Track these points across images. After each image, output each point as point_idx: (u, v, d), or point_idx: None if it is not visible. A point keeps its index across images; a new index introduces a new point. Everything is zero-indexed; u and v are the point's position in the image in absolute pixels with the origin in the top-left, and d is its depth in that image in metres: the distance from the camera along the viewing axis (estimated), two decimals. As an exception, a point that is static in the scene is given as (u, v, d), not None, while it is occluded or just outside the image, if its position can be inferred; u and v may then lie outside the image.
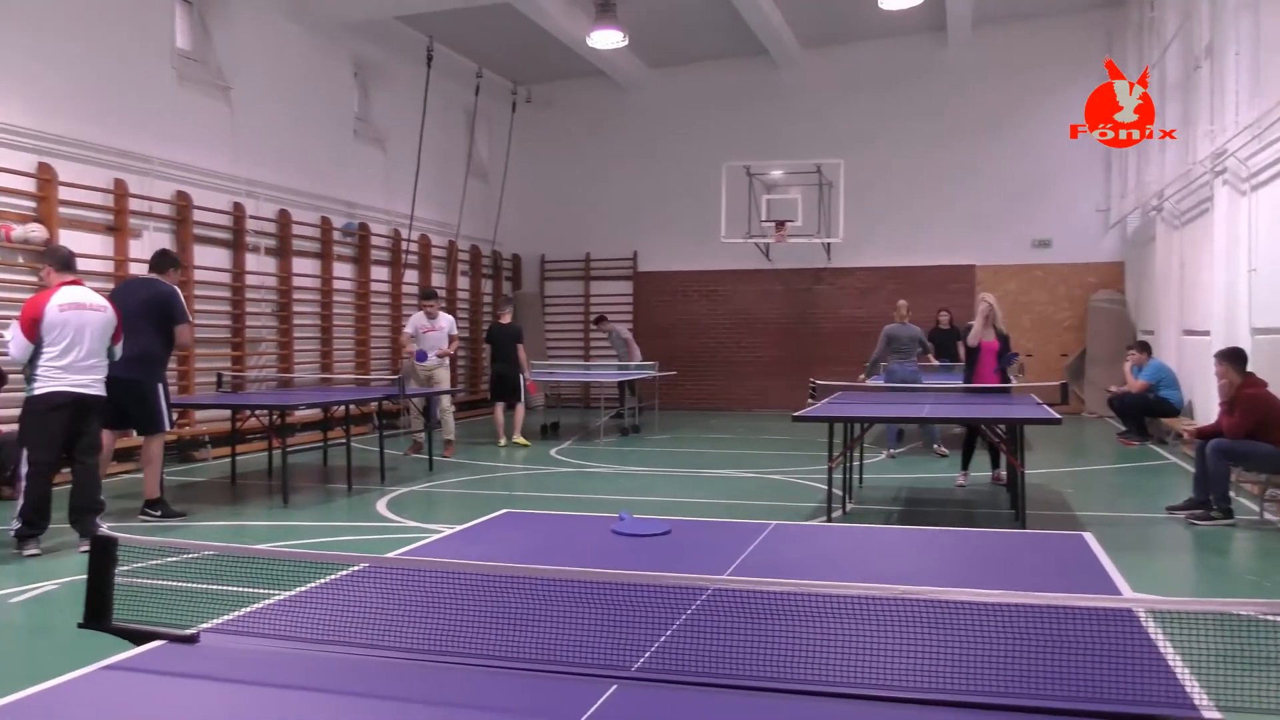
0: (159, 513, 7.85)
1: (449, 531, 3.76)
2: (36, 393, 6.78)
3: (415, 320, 12.12)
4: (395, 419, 13.15)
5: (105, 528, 6.76)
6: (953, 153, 17.25)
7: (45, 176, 9.99)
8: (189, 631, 2.10)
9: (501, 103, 18.64)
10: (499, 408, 13.07)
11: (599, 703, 1.77)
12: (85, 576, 5.90)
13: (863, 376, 12.54)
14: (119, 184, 10.88)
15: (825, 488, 7.86)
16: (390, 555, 2.58)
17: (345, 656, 2.04)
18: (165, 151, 11.50)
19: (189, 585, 3.08)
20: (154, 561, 5.82)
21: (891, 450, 11.67)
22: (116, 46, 10.89)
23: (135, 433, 8.52)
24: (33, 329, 6.70)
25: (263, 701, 1.85)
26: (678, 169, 18.65)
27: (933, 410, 8.30)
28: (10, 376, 7.23)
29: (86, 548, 6.71)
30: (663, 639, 2.11)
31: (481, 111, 17.92)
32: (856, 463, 9.32)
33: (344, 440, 10.15)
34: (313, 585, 2.54)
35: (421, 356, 11.72)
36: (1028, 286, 17.18)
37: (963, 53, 16.97)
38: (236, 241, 12.65)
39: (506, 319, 13.26)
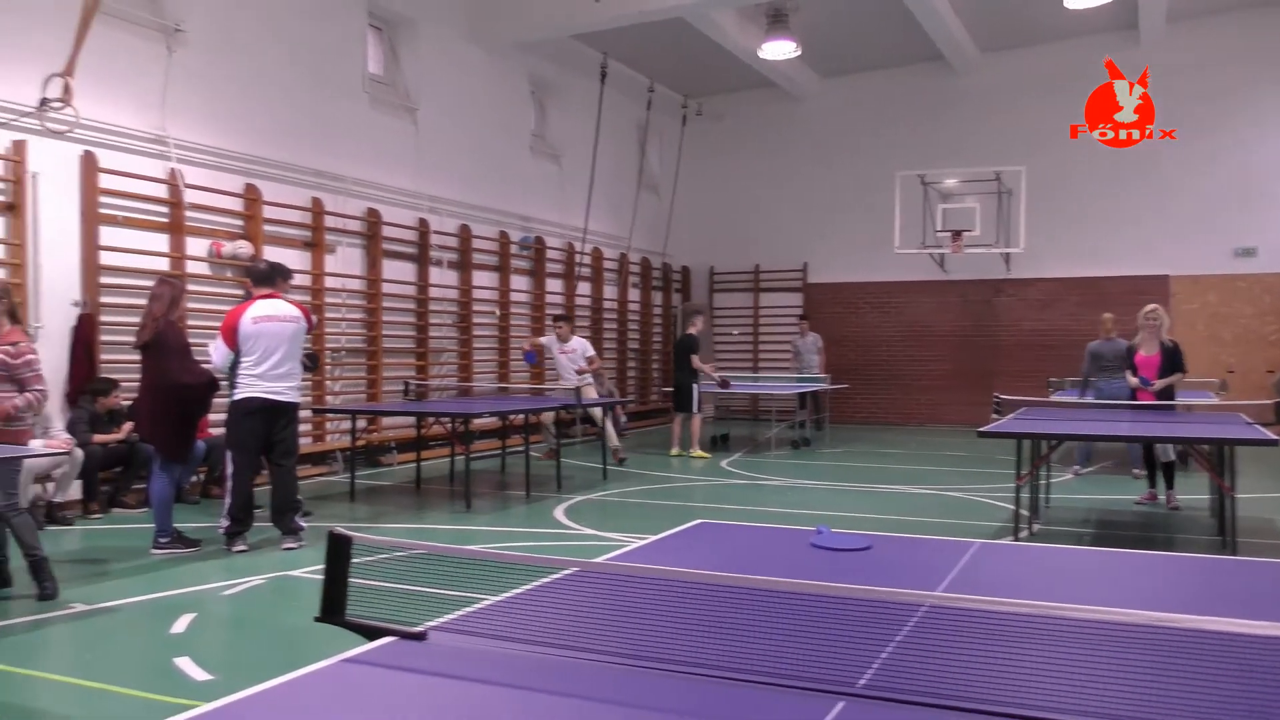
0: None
1: (641, 542, 3.79)
2: (235, 398, 7.25)
3: (549, 340, 12.73)
4: (570, 428, 13.41)
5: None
6: (1144, 156, 16.31)
7: (252, 196, 10.66)
8: (418, 629, 2.17)
9: (672, 116, 18.81)
10: (678, 418, 13.27)
11: (829, 719, 1.74)
12: (287, 572, 6.22)
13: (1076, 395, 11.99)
14: (316, 202, 11.50)
15: (1006, 506, 7.58)
16: (599, 560, 2.62)
17: (565, 659, 2.07)
18: (357, 171, 12.09)
19: (393, 585, 3.19)
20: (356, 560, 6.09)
21: (1079, 469, 11.15)
22: (315, 75, 11.53)
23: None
24: (231, 338, 7.16)
25: (492, 699, 1.89)
26: (849, 179, 18.37)
27: (1133, 429, 7.86)
28: (221, 384, 7.73)
29: (289, 545, 7.15)
30: (884, 655, 2.06)
31: (653, 125, 18.12)
32: (1043, 481, 8.93)
33: (522, 448, 10.42)
34: (528, 588, 2.60)
35: (530, 358, 12.17)
36: (1229, 298, 16.12)
37: (1156, 50, 16.05)
38: (421, 255, 13.17)
39: (690, 330, 13.38)
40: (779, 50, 15.06)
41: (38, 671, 4.55)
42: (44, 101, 7.84)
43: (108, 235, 9.18)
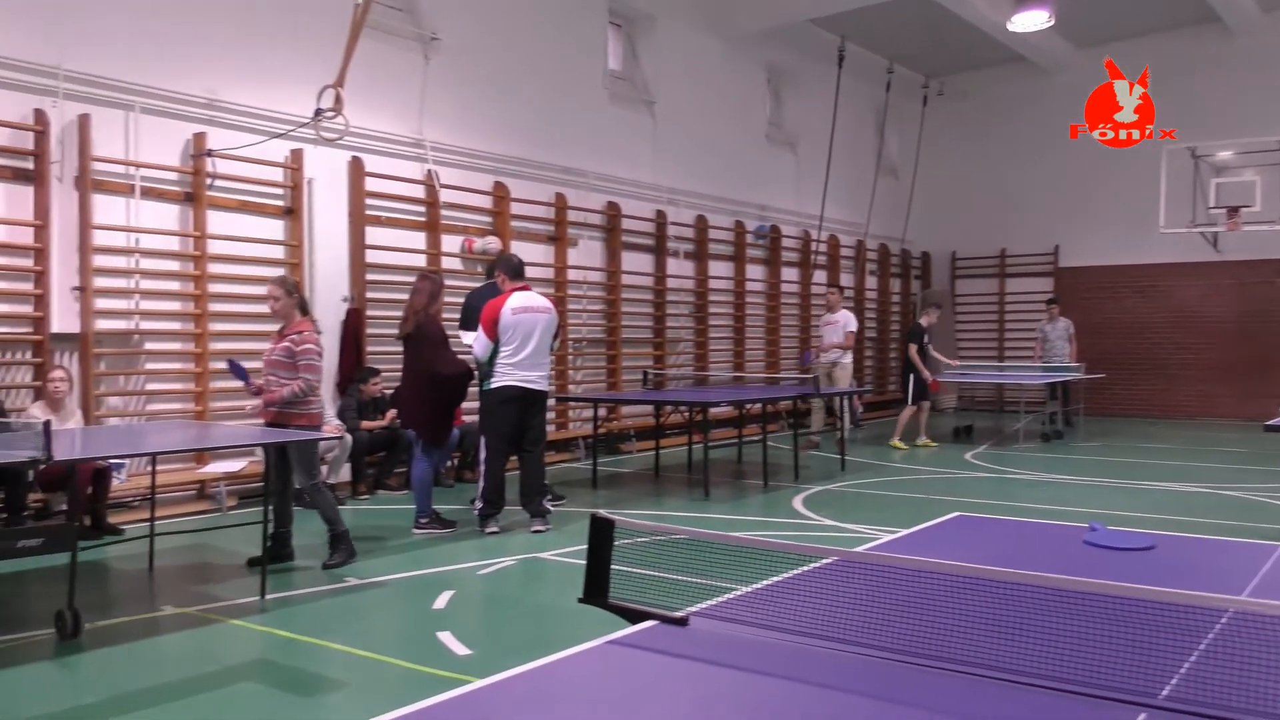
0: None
1: (887, 534, 3.66)
2: (491, 387, 7.56)
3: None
4: (806, 417, 13.26)
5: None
6: None
7: (500, 194, 11.13)
8: (679, 614, 2.17)
9: (912, 98, 18.19)
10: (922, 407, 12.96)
11: (1129, 731, 1.60)
12: (536, 554, 6.43)
13: None
14: (559, 197, 11.87)
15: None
16: (859, 550, 2.53)
17: (830, 651, 2.01)
18: (598, 165, 12.40)
19: (645, 571, 3.24)
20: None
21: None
22: (559, 75, 11.90)
23: None
24: (492, 329, 7.47)
25: (756, 687, 1.85)
26: (1106, 156, 17.02)
27: None
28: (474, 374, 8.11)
29: (537, 528, 7.41)
30: (1187, 665, 1.87)
31: (892, 108, 17.60)
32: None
33: (759, 437, 10.37)
34: (781, 577, 2.55)
35: (807, 358, 12.07)
36: None
37: None
38: (659, 247, 13.35)
39: (922, 319, 13.00)
40: (1030, 21, 14.23)
41: (318, 639, 4.91)
42: (318, 112, 8.45)
43: (372, 234, 9.82)
